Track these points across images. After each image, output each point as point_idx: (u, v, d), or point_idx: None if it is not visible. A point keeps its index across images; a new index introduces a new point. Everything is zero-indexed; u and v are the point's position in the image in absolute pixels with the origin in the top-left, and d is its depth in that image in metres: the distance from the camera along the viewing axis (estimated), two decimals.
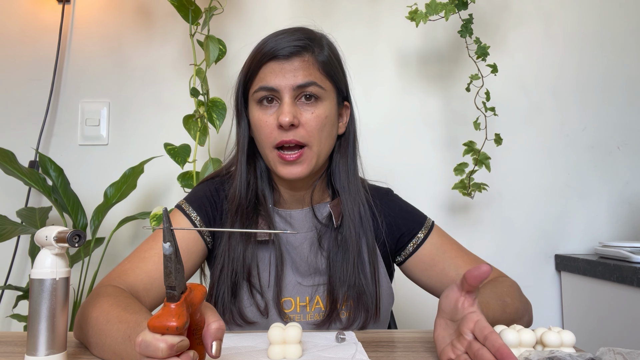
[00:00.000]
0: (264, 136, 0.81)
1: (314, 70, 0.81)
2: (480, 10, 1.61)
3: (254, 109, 0.83)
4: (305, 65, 0.80)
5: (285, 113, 0.78)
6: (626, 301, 1.23)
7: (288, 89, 0.79)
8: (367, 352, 0.68)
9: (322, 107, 0.82)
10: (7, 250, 1.52)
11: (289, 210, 0.90)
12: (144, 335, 0.47)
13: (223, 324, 0.51)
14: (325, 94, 0.82)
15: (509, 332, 0.64)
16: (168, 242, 0.46)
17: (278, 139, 0.80)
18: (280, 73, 0.80)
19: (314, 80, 0.80)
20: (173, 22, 1.62)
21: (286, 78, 0.79)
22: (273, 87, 0.80)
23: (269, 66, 0.80)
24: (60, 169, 1.46)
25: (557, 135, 1.62)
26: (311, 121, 0.80)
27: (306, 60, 0.81)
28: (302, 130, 0.80)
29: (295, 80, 0.79)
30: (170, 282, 0.47)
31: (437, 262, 0.89)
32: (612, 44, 1.64)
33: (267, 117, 0.81)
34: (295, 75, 0.79)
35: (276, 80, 0.80)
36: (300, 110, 0.80)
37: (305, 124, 0.80)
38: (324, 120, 0.82)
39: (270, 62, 0.80)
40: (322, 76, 0.82)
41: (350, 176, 0.89)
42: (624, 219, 1.60)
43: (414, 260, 0.91)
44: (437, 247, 0.90)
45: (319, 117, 0.81)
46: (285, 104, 0.79)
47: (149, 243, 0.85)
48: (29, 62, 1.61)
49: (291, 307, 0.85)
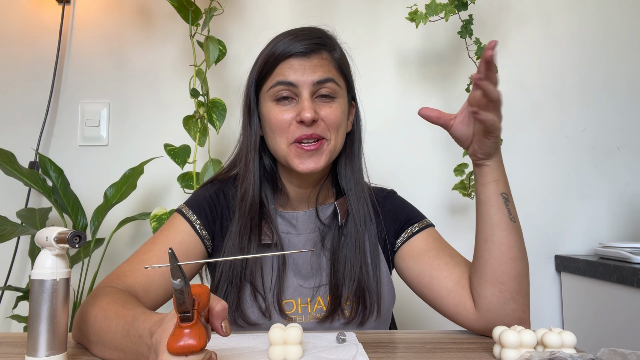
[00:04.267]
0: (281, 132, 0.82)
1: (331, 68, 0.83)
2: (480, 11, 1.61)
3: (268, 105, 0.84)
4: (324, 63, 0.82)
5: (307, 109, 0.79)
6: (626, 302, 1.23)
7: (307, 85, 0.80)
8: (367, 352, 0.68)
9: (337, 104, 0.83)
10: (7, 251, 1.52)
11: (292, 212, 0.90)
12: None
13: (225, 303, 0.53)
14: (340, 91, 0.84)
15: (510, 333, 0.64)
16: (178, 279, 0.45)
17: (297, 134, 0.80)
18: (299, 69, 0.81)
19: (332, 77, 0.82)
20: (173, 22, 1.62)
21: (305, 74, 0.80)
22: (292, 82, 0.80)
23: (288, 62, 0.81)
24: (60, 170, 1.46)
25: (557, 135, 1.62)
26: (329, 115, 0.82)
27: (324, 57, 0.83)
28: (322, 125, 0.81)
29: (314, 77, 0.80)
30: (185, 309, 0.46)
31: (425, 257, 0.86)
32: (613, 44, 1.64)
33: (284, 113, 0.81)
34: (314, 72, 0.81)
35: (296, 76, 0.80)
36: (318, 106, 0.82)
37: (325, 119, 0.81)
38: (341, 116, 0.83)
39: (290, 58, 0.81)
40: (338, 74, 0.84)
41: (356, 175, 0.89)
42: (624, 220, 1.60)
43: (404, 250, 0.88)
44: (429, 242, 0.87)
45: (336, 112, 0.82)
46: (305, 99, 0.80)
47: (148, 245, 0.85)
48: (29, 62, 1.61)
49: (292, 308, 0.85)
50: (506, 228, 0.75)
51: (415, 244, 0.88)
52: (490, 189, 0.76)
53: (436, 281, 0.83)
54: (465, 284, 0.81)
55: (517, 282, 0.76)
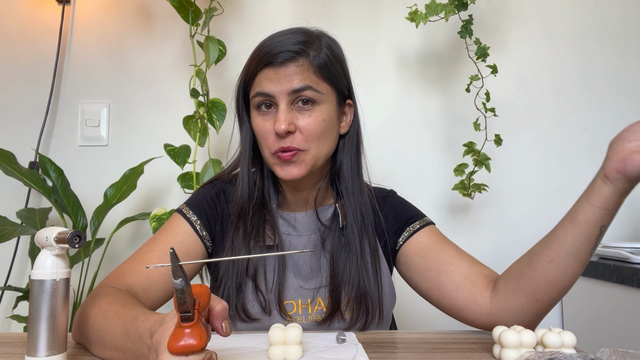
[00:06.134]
0: (264, 141, 0.82)
1: (309, 74, 0.80)
2: (480, 11, 1.61)
3: (253, 113, 0.84)
4: (300, 70, 0.79)
5: (280, 121, 0.78)
6: (626, 302, 1.23)
7: (283, 95, 0.79)
8: (367, 352, 0.68)
9: (319, 111, 0.81)
10: (7, 251, 1.52)
11: (292, 213, 0.90)
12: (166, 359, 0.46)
13: (225, 303, 0.53)
14: (323, 97, 0.81)
15: (510, 333, 0.64)
16: (179, 279, 0.45)
17: (276, 146, 0.80)
18: (275, 79, 0.79)
19: (309, 84, 0.79)
20: (173, 22, 1.62)
21: (281, 84, 0.79)
22: (269, 93, 0.80)
23: (265, 72, 0.80)
24: (60, 170, 1.46)
25: (557, 136, 1.62)
26: (308, 126, 0.80)
27: (301, 64, 0.80)
28: (299, 136, 0.80)
29: (290, 86, 0.79)
30: (185, 309, 0.46)
31: (430, 252, 0.86)
32: (612, 44, 1.64)
33: (266, 123, 0.81)
34: (290, 81, 0.79)
35: (271, 86, 0.79)
36: (297, 115, 0.80)
37: (303, 130, 0.80)
38: (322, 123, 0.81)
39: (266, 68, 0.80)
40: (318, 79, 0.81)
41: (354, 176, 0.88)
42: (624, 220, 1.60)
43: (407, 247, 0.88)
44: (432, 238, 0.87)
45: (316, 121, 0.80)
46: (280, 111, 0.79)
47: (148, 245, 0.85)
48: (29, 62, 1.61)
49: (293, 309, 0.85)
50: (581, 261, 0.70)
51: (419, 240, 0.88)
52: (597, 214, 0.68)
53: (444, 275, 0.83)
54: (475, 279, 0.81)
55: (551, 304, 0.75)
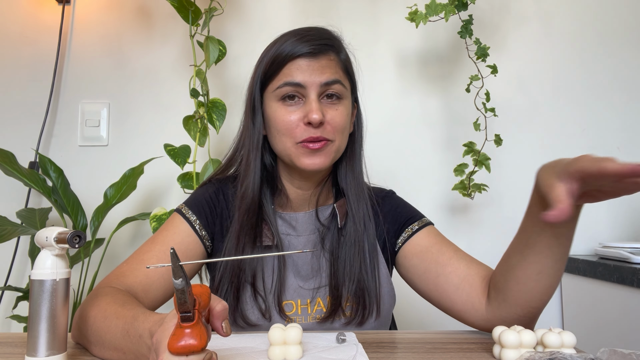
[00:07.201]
0: (287, 132, 0.81)
1: (338, 69, 0.83)
2: (480, 11, 1.61)
3: (274, 105, 0.83)
4: (332, 64, 0.82)
5: (315, 110, 0.79)
6: (626, 302, 1.23)
7: (315, 86, 0.80)
8: (367, 352, 0.68)
9: (343, 106, 0.83)
10: (7, 251, 1.52)
11: (293, 213, 0.90)
12: None
13: (225, 303, 0.53)
14: (346, 93, 0.84)
15: (509, 333, 0.64)
16: (180, 279, 0.45)
17: (305, 135, 0.80)
18: (307, 70, 0.80)
19: (339, 78, 0.82)
20: (173, 23, 1.62)
21: (314, 75, 0.80)
22: (300, 83, 0.80)
23: (296, 63, 0.81)
24: (60, 170, 1.46)
25: (557, 135, 1.62)
26: (335, 118, 0.81)
27: (332, 59, 0.83)
28: (328, 127, 0.81)
29: (322, 78, 0.80)
30: (186, 309, 0.46)
31: (428, 253, 0.86)
32: (612, 44, 1.64)
33: (291, 114, 0.81)
34: (322, 73, 0.80)
35: (303, 77, 0.80)
36: (325, 107, 0.81)
37: (331, 121, 0.81)
38: (346, 118, 0.83)
39: (298, 59, 0.81)
40: (344, 75, 0.84)
41: (356, 175, 0.89)
42: (624, 220, 1.60)
43: (406, 249, 0.88)
44: (430, 239, 0.87)
45: (342, 114, 0.82)
46: (312, 101, 0.80)
47: (147, 245, 0.85)
48: (29, 62, 1.61)
49: (292, 309, 0.85)
50: (566, 254, 0.71)
51: (418, 241, 0.88)
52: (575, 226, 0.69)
53: (442, 277, 0.83)
54: (473, 281, 0.81)
55: (546, 303, 0.75)
